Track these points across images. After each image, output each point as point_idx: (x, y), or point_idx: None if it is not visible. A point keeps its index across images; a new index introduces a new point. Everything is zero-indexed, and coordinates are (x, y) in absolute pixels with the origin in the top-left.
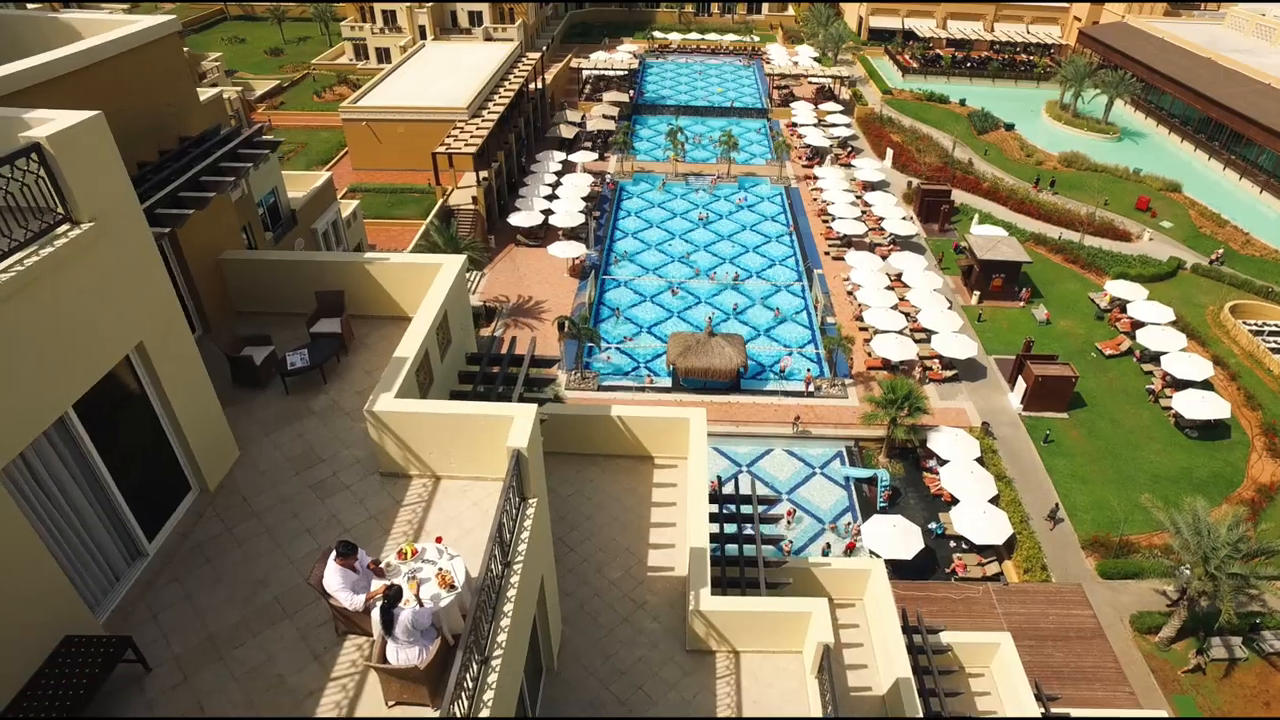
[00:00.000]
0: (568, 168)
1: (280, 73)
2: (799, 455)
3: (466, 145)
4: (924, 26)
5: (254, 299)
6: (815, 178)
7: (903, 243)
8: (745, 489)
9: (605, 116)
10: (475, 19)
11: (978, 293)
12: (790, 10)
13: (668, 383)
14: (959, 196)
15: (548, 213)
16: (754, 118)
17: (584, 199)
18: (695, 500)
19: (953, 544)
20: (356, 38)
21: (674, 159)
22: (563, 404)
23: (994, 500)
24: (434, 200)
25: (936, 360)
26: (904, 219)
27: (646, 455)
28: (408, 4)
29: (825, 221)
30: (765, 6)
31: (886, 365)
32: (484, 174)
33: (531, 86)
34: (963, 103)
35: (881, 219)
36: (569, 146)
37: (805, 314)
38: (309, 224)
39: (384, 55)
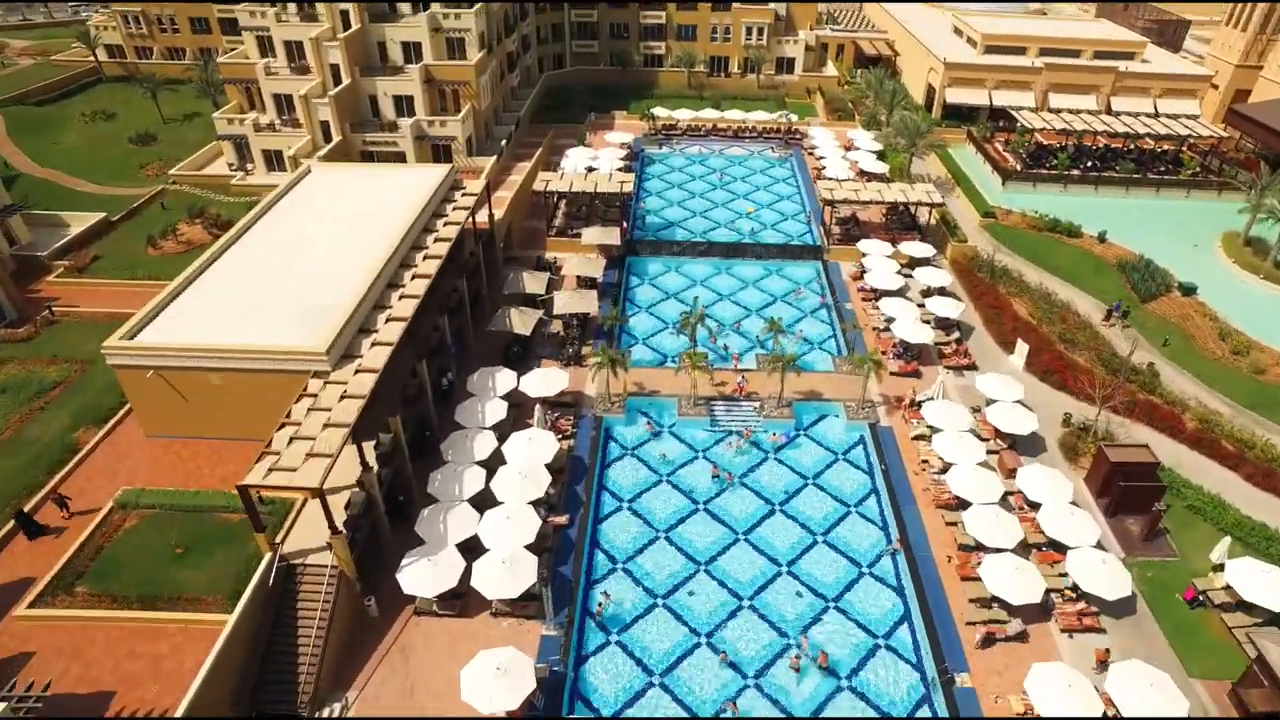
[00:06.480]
0: (516, 408)
1: (138, 177)
2: None
3: (315, 455)
4: (1018, 101)
5: None
6: (918, 413)
7: (1092, 581)
8: None
9: (583, 282)
10: (404, 107)
11: None
12: (831, 68)
13: None
14: (1145, 435)
15: (473, 550)
16: (803, 258)
17: (538, 504)
18: None
19: None
20: (236, 134)
21: (690, 372)
22: None
23: None
24: (260, 548)
25: None
26: (1096, 544)
27: None
28: (308, 63)
29: (949, 523)
30: (798, 65)
31: None
32: (354, 484)
33: (478, 219)
34: (1102, 237)
35: (1057, 541)
36: (521, 356)
37: None
38: None
39: (274, 160)
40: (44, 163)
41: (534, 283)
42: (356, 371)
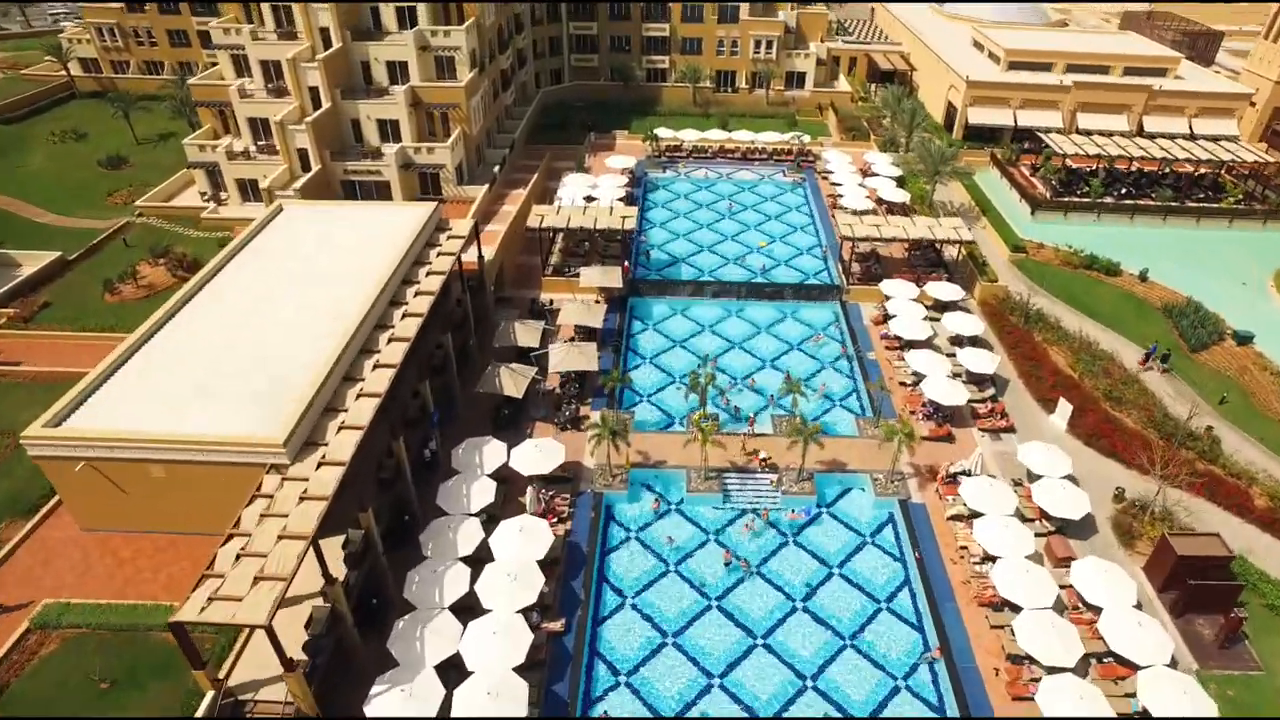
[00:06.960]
0: (506, 484)
1: (104, 206)
2: None
3: (265, 578)
4: (1044, 121)
5: None
6: (954, 488)
7: (1170, 713)
8: None
9: (581, 332)
10: (389, 132)
11: None
12: (844, 83)
13: None
14: (1209, 513)
15: (458, 668)
16: (820, 299)
17: (529, 613)
18: None
19: None
20: (208, 161)
21: (700, 441)
22: None
23: None
24: (201, 685)
25: None
26: (1170, 660)
27: None
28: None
29: (995, 625)
30: (809, 80)
31: None
32: (317, 593)
33: (466, 259)
34: (1144, 276)
35: (1121, 655)
36: (512, 418)
37: None
38: None
39: (249, 190)
40: (3, 189)
41: (527, 334)
42: (319, 465)
